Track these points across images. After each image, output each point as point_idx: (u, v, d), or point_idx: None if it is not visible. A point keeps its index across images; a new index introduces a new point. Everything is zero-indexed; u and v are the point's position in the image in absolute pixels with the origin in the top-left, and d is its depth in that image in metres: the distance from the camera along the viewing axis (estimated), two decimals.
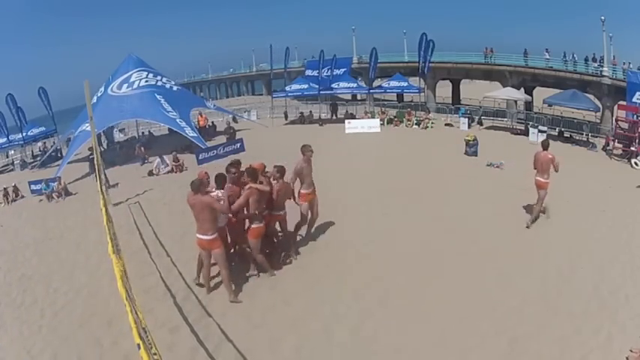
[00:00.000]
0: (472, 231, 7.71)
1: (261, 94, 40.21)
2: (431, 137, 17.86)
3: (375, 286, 6.08)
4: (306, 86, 23.29)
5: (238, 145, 15.97)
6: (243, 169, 6.06)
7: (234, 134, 18.64)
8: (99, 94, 17.60)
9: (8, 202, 13.47)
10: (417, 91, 22.56)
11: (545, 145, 7.60)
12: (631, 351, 4.58)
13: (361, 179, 11.20)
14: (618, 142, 14.58)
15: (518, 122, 19.87)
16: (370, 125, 19.02)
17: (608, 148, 14.86)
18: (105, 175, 11.39)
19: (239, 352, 4.80)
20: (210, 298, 5.86)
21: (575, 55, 21.60)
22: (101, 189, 9.44)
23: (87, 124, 13.34)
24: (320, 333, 5.12)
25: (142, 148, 16.37)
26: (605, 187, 10.52)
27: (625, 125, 14.93)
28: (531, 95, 23.50)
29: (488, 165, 11.87)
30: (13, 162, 21.23)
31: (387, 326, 5.17)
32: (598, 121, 19.11)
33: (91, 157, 14.61)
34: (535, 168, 7.70)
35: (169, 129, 18.26)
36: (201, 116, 18.91)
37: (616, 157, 14.04)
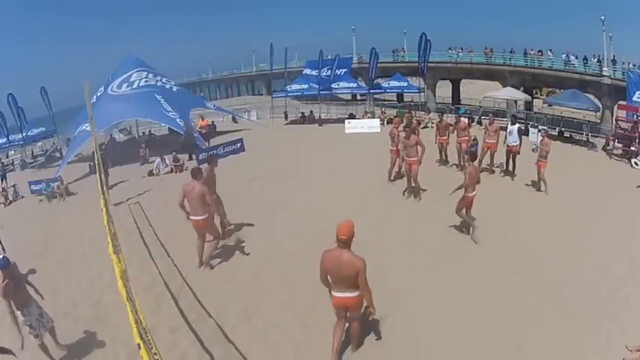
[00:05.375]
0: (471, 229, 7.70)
1: (262, 94, 40.15)
2: (430, 137, 17.80)
3: (377, 281, 6.08)
4: (306, 86, 23.29)
5: (238, 145, 15.91)
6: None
7: (210, 132, 18.39)
8: (99, 94, 17.60)
9: (6, 201, 13.49)
10: (416, 91, 22.57)
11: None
12: (627, 348, 4.58)
13: (362, 177, 11.20)
14: (618, 142, 14.56)
15: (519, 122, 19.82)
16: (370, 125, 19.01)
17: (608, 148, 14.85)
18: (107, 175, 11.36)
19: (239, 352, 4.80)
20: (210, 297, 5.87)
21: (570, 55, 21.60)
22: (102, 189, 9.42)
23: (87, 125, 13.35)
24: (324, 334, 5.11)
25: (147, 150, 16.27)
26: (605, 187, 10.52)
27: (625, 125, 14.92)
28: (531, 95, 23.51)
29: (488, 165, 11.82)
30: (13, 162, 21.21)
31: (388, 328, 5.17)
32: (598, 121, 19.11)
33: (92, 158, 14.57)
34: None
35: (169, 129, 18.25)
36: (203, 120, 18.97)
37: (616, 157, 14.03)
